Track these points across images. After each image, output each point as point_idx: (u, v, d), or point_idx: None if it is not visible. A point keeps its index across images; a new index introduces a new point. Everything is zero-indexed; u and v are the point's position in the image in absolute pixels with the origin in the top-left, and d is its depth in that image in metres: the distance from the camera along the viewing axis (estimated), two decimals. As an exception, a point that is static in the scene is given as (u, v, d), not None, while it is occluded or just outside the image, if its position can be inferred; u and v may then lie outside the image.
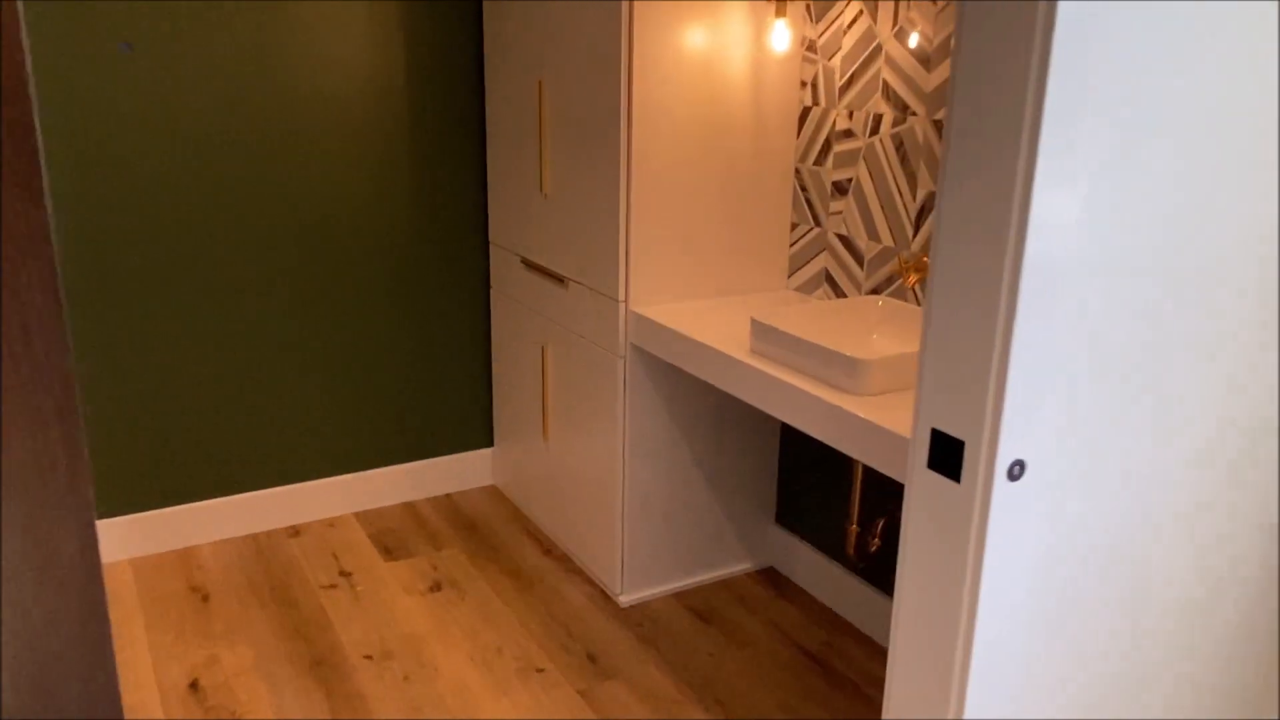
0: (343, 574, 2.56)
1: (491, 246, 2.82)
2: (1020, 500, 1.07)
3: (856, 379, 1.68)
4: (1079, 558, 1.14)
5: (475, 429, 3.00)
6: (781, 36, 2.05)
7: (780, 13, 2.04)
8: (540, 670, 2.18)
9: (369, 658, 2.22)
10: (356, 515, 2.87)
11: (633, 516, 2.36)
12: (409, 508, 2.92)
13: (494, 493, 3.01)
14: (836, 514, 2.37)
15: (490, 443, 3.04)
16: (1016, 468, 1.05)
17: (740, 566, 2.57)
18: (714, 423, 2.40)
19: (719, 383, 1.97)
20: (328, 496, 2.84)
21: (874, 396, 1.68)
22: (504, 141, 2.64)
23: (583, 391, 2.43)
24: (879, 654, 2.25)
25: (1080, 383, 1.06)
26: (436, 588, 2.50)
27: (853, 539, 2.02)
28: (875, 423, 1.58)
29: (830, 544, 2.41)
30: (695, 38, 2.11)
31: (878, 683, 2.15)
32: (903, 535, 1.18)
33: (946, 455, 1.08)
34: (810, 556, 2.46)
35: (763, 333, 1.88)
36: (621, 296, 2.22)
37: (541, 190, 2.48)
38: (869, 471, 2.19)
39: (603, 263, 2.26)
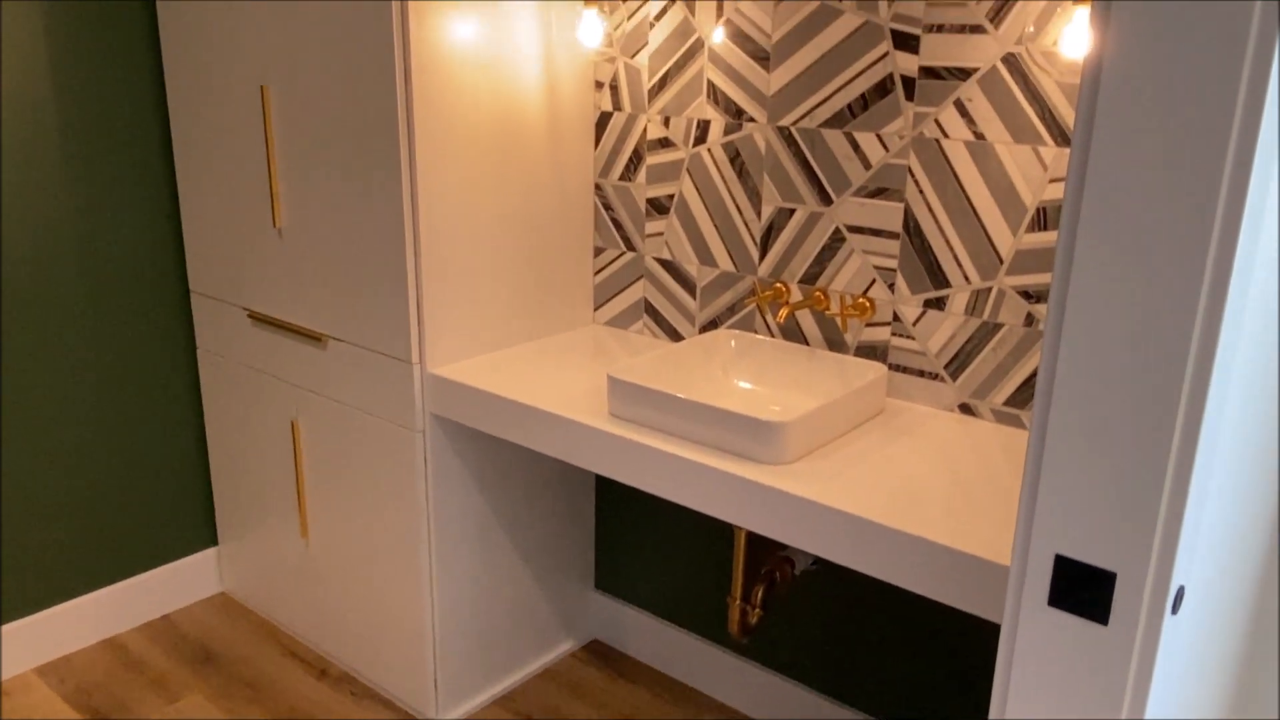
0: (40, 767, 1.87)
1: (195, 298, 2.19)
2: (1178, 633, 0.84)
3: (773, 446, 1.40)
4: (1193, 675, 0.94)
5: (191, 526, 2.35)
6: (592, 29, 1.70)
7: (590, 0, 1.69)
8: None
9: None
10: (39, 671, 2.13)
11: (445, 617, 1.92)
12: (113, 646, 2.23)
13: (227, 603, 2.39)
14: (670, 570, 2.09)
15: (214, 541, 2.40)
16: (1179, 598, 0.82)
17: (563, 646, 2.21)
18: (523, 485, 2.01)
19: (571, 457, 1.60)
20: (-8, 656, 2.08)
21: (791, 464, 1.41)
22: (205, 166, 2.04)
23: (361, 474, 1.93)
24: (746, 723, 2.01)
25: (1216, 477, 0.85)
26: (186, 758, 1.90)
27: (736, 616, 1.75)
28: (820, 502, 1.30)
29: (661, 604, 2.13)
30: (480, 29, 1.70)
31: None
32: (1004, 691, 0.91)
33: (1083, 590, 0.83)
34: (643, 622, 2.16)
35: (629, 395, 1.53)
36: (414, 357, 1.76)
37: (274, 224, 1.93)
38: (751, 539, 1.93)
39: (382, 314, 1.78)
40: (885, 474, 1.39)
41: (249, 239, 2.00)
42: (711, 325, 1.88)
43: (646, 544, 2.13)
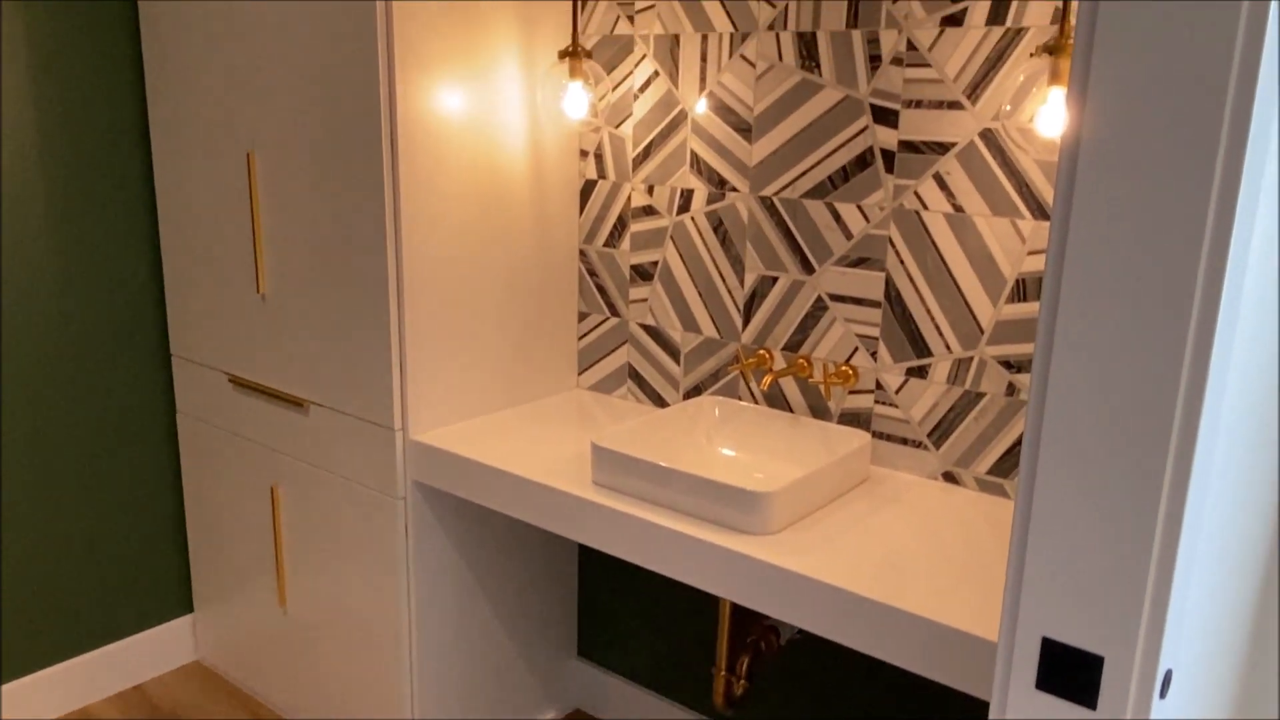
0: None
1: (176, 361, 2.18)
2: (1167, 717, 0.83)
3: (757, 516, 1.39)
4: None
5: (167, 593, 2.31)
6: (577, 101, 1.73)
7: (575, 73, 1.71)
8: None
9: None
10: (5, 746, 2.08)
11: (425, 686, 1.88)
12: (83, 718, 2.17)
13: (201, 672, 2.34)
14: (653, 638, 2.07)
15: (189, 608, 2.36)
16: (1167, 681, 0.81)
17: (545, 715, 2.17)
18: (505, 551, 1.99)
19: (554, 526, 1.58)
20: (-44, 730, 2.02)
21: (776, 534, 1.41)
22: (189, 229, 2.04)
23: (341, 541, 1.91)
24: (731, 795, 1.97)
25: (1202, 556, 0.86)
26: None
27: (720, 687, 1.73)
28: (805, 574, 1.30)
29: (644, 673, 2.10)
30: (468, 100, 1.72)
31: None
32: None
33: (1070, 673, 0.83)
34: (626, 692, 2.13)
35: (612, 463, 1.53)
36: (397, 423, 1.75)
37: (257, 290, 1.93)
38: (736, 608, 1.91)
39: (366, 380, 1.77)
40: (870, 545, 1.38)
41: (232, 303, 1.99)
42: (695, 391, 1.88)
43: (630, 611, 2.10)
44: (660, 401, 1.94)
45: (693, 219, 1.81)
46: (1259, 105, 0.71)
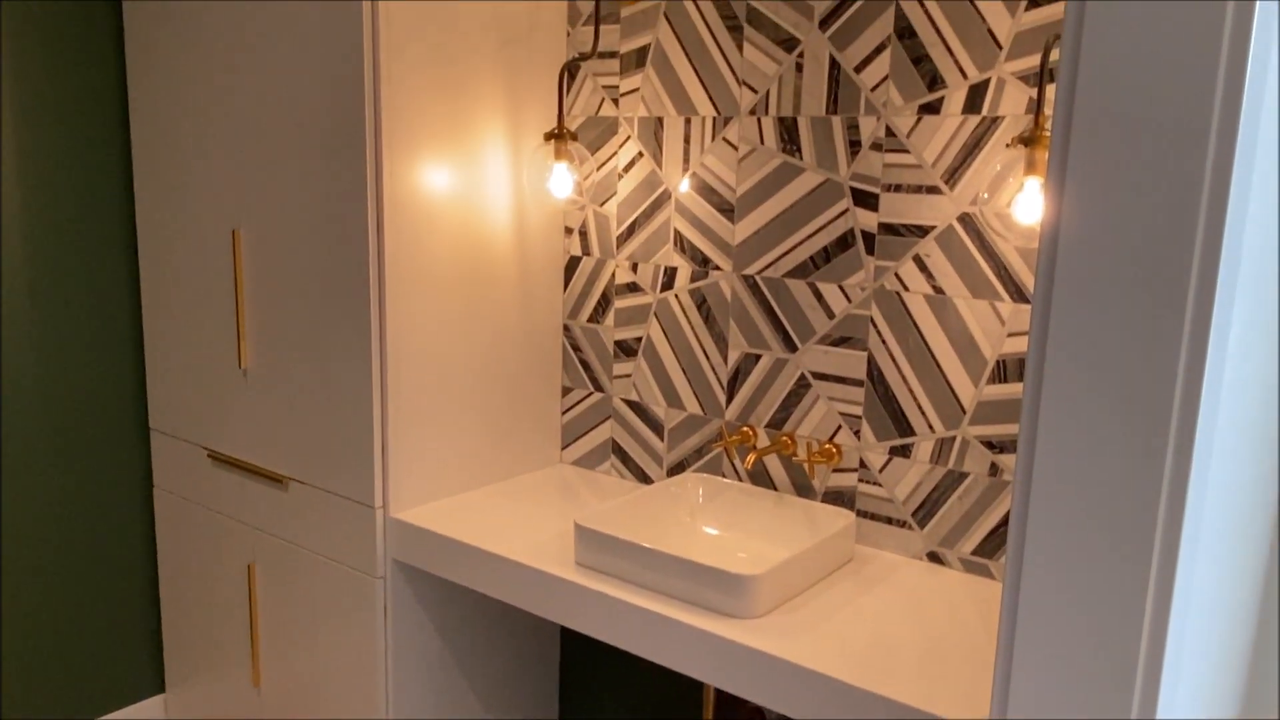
0: None
1: (154, 435, 2.16)
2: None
3: (742, 599, 1.38)
4: None
5: (139, 672, 2.26)
6: (562, 181, 1.75)
7: (561, 155, 1.74)
8: None
9: None
10: (-37, 836, 2.00)
11: (403, 777, 1.83)
12: (46, 805, 2.10)
13: (171, 755, 2.27)
14: (633, 715, 2.03)
15: (161, 688, 2.30)
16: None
17: (525, 800, 2.11)
18: (486, 632, 1.96)
19: (535, 608, 1.56)
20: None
21: (761, 618, 1.39)
22: (172, 304, 2.04)
23: (318, 620, 1.88)
24: None
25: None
26: None
27: (706, 771, 1.70)
28: (791, 661, 1.28)
29: (635, 756, 2.05)
30: (454, 178, 1.74)
31: None
32: None
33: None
34: (611, 774, 2.08)
35: (596, 543, 1.52)
36: (377, 501, 1.73)
37: (239, 365, 1.92)
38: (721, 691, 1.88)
39: (347, 457, 1.76)
40: (857, 629, 1.37)
41: (213, 378, 1.98)
42: (679, 467, 1.88)
43: (613, 694, 2.07)
44: (644, 477, 1.93)
45: (676, 296, 1.83)
46: (1234, 194, 0.73)
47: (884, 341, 1.59)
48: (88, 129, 2.02)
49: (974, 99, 1.46)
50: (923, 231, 1.53)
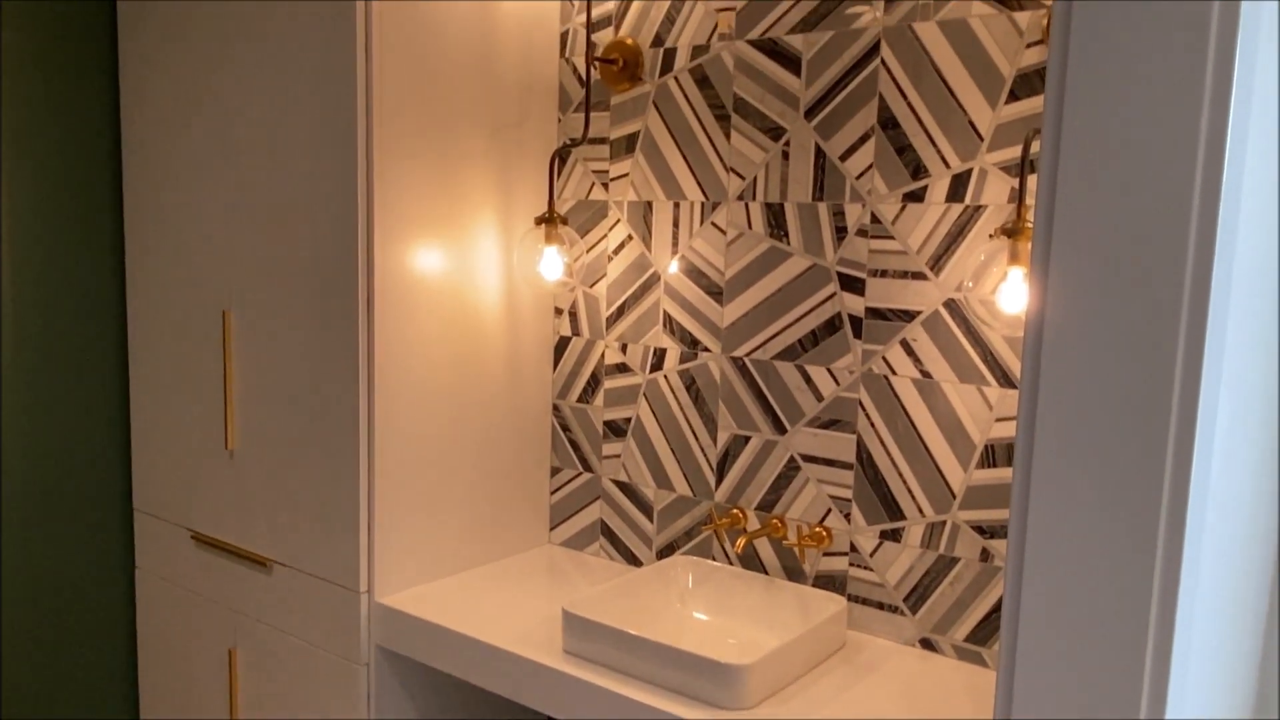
0: None
1: (138, 515, 2.13)
2: None
3: (734, 690, 1.35)
4: None
5: (112, 762, 2.19)
6: (552, 264, 1.76)
7: (551, 239, 1.76)
8: None
9: None
10: None
11: None
12: None
13: None
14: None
15: (135, 777, 2.24)
16: None
17: None
18: (472, 712, 1.92)
19: (521, 697, 1.53)
20: None
21: (753, 709, 1.37)
22: (160, 385, 2.03)
23: (300, 708, 1.83)
24: None
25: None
26: None
27: None
28: (782, 754, 1.25)
29: None
30: (445, 261, 1.75)
31: None
32: None
33: None
34: None
35: (584, 631, 1.49)
36: (362, 585, 1.71)
37: (226, 446, 1.91)
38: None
39: (331, 541, 1.74)
40: (849, 720, 1.35)
41: (199, 459, 1.97)
42: (669, 549, 1.86)
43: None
44: (633, 559, 1.91)
45: (665, 377, 1.83)
46: (1215, 283, 0.74)
47: (873, 424, 1.59)
48: (79, 210, 2.04)
49: (956, 188, 1.49)
50: (909, 316, 1.54)
